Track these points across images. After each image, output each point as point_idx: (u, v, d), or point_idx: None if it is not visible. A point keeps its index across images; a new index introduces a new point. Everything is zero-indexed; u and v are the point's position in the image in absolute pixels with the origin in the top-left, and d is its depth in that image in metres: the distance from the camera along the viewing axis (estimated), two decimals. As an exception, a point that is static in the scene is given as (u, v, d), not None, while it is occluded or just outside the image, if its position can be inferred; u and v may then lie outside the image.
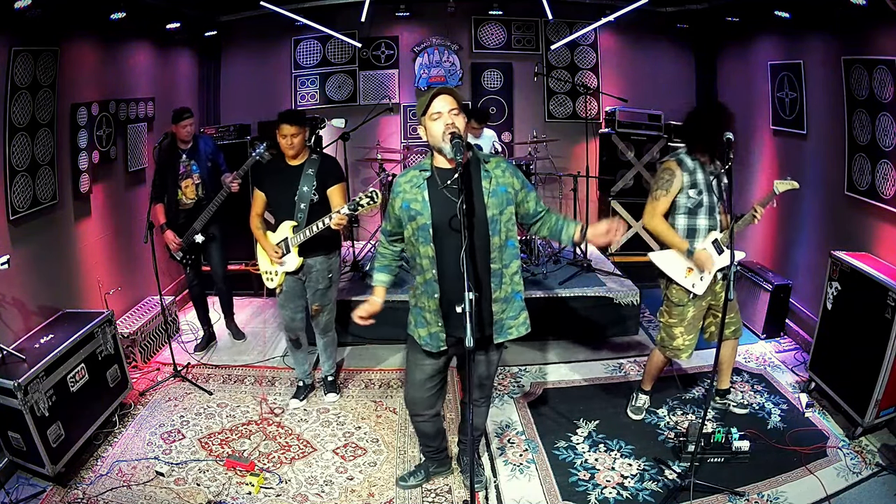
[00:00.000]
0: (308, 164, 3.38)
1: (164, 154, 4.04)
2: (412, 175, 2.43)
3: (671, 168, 3.03)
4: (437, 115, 2.28)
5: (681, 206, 3.06)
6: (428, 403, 2.69)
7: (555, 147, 5.76)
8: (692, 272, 3.07)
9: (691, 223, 3.07)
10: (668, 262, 3.12)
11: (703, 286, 3.07)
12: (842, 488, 2.85)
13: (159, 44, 4.88)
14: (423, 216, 2.37)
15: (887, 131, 3.40)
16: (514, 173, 2.45)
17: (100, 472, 3.08)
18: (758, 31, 4.85)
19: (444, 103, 2.28)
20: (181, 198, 4.13)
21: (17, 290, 3.27)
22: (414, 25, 5.99)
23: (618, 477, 3.01)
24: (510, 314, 2.51)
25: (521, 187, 2.46)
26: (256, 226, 3.53)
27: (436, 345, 2.49)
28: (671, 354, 3.27)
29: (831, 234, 3.92)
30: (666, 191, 3.03)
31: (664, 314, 3.25)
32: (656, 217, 3.08)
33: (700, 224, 3.06)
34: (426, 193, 2.38)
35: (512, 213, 2.44)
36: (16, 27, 3.15)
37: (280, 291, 3.55)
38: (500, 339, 2.51)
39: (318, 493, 2.93)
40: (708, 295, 3.13)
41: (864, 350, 3.13)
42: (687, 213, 3.06)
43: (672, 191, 3.01)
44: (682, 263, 3.08)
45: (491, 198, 2.36)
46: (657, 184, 3.07)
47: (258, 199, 3.49)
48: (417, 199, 2.39)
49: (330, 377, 3.80)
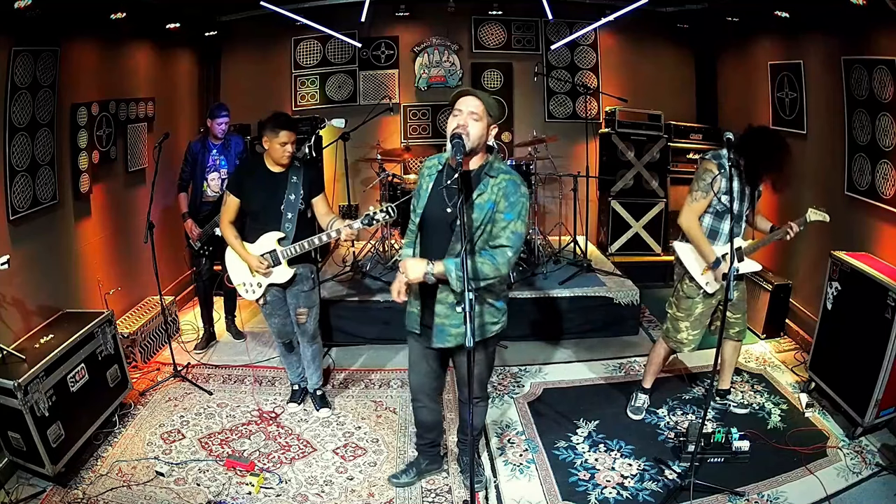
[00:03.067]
0: (292, 171, 3.21)
1: (193, 147, 4.27)
2: (433, 163, 2.51)
3: (712, 170, 2.98)
4: (458, 112, 2.29)
5: (710, 207, 3.06)
6: (423, 388, 2.77)
7: (555, 147, 5.76)
8: (708, 271, 3.09)
9: (715, 225, 3.08)
10: (691, 256, 3.13)
11: (716, 286, 3.10)
12: (842, 488, 2.85)
13: (159, 44, 4.88)
14: (419, 205, 2.46)
15: (887, 131, 3.40)
16: (507, 195, 2.31)
17: (100, 472, 3.08)
18: (758, 31, 4.86)
19: (467, 105, 2.28)
20: (206, 189, 4.28)
21: (17, 290, 3.26)
22: (414, 25, 5.99)
23: (618, 477, 3.01)
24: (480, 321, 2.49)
25: (502, 209, 2.31)
26: (234, 235, 3.27)
27: (410, 324, 2.59)
28: (673, 346, 3.29)
29: (831, 234, 3.91)
30: (706, 193, 3.00)
31: (673, 306, 3.27)
32: (693, 219, 3.06)
33: (724, 228, 3.06)
34: (430, 185, 2.43)
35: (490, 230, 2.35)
36: (16, 27, 3.15)
37: (264, 303, 3.37)
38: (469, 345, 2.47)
39: (318, 493, 2.93)
40: (719, 294, 3.15)
41: (864, 350, 3.14)
42: (714, 215, 3.07)
43: (713, 192, 2.99)
44: (702, 261, 3.10)
45: (474, 210, 2.32)
46: (698, 183, 3.04)
47: (232, 205, 3.24)
48: (423, 187, 2.46)
49: (319, 391, 3.65)
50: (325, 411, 3.61)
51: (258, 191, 3.21)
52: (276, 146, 3.13)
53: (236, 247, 3.29)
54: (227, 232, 3.29)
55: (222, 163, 4.28)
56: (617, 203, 5.80)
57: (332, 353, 4.42)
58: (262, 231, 3.24)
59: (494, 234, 2.34)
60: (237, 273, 3.38)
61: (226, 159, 4.29)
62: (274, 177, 3.22)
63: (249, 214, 3.28)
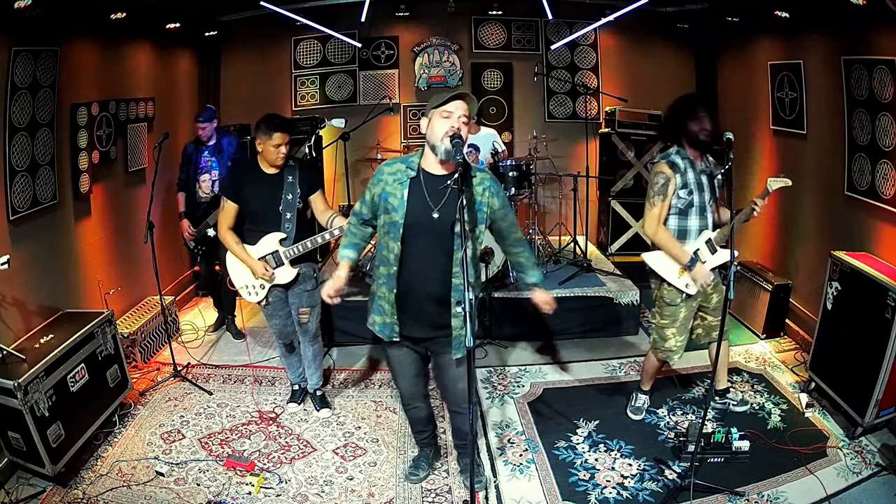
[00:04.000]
0: (287, 171, 3.19)
1: (187, 148, 4.36)
2: (397, 168, 2.42)
3: (663, 171, 2.98)
4: (448, 114, 2.28)
5: (672, 208, 3.03)
6: (415, 392, 2.80)
7: (555, 147, 5.76)
8: (685, 273, 3.06)
9: (682, 224, 3.05)
10: (661, 263, 3.10)
11: (696, 287, 3.06)
12: (842, 488, 2.85)
13: (159, 44, 4.88)
14: (397, 213, 2.37)
15: (887, 131, 3.40)
16: (495, 193, 2.44)
17: (100, 472, 3.08)
18: (758, 31, 4.85)
19: (459, 108, 2.28)
20: (198, 191, 4.33)
21: (17, 290, 3.26)
22: (414, 25, 5.99)
23: (618, 477, 3.01)
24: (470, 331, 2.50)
25: (500, 208, 2.48)
26: (235, 241, 3.24)
27: (388, 334, 2.55)
28: (663, 356, 3.26)
29: (831, 234, 3.92)
30: (663, 196, 2.98)
31: (656, 315, 3.25)
32: (658, 226, 3.02)
33: (691, 225, 3.04)
34: (406, 192, 2.37)
35: (483, 231, 2.47)
36: (16, 27, 3.15)
37: (266, 304, 3.38)
38: (458, 355, 2.49)
39: (318, 493, 2.93)
40: (699, 296, 3.13)
41: (864, 350, 3.13)
42: (678, 214, 3.04)
43: (669, 194, 2.98)
44: (675, 265, 3.07)
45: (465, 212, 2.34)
46: (652, 189, 3.01)
47: (230, 211, 3.22)
48: (396, 195, 2.38)
49: (319, 392, 3.65)
50: (325, 412, 3.60)
51: (255, 193, 3.18)
52: (270, 148, 3.09)
53: (238, 252, 3.26)
54: (228, 238, 3.25)
55: (213, 164, 4.28)
56: (617, 203, 5.80)
57: (333, 353, 4.42)
58: (263, 233, 3.23)
59: (502, 229, 2.57)
60: (239, 276, 3.37)
61: (218, 161, 4.29)
62: (269, 178, 3.19)
63: (248, 217, 3.26)
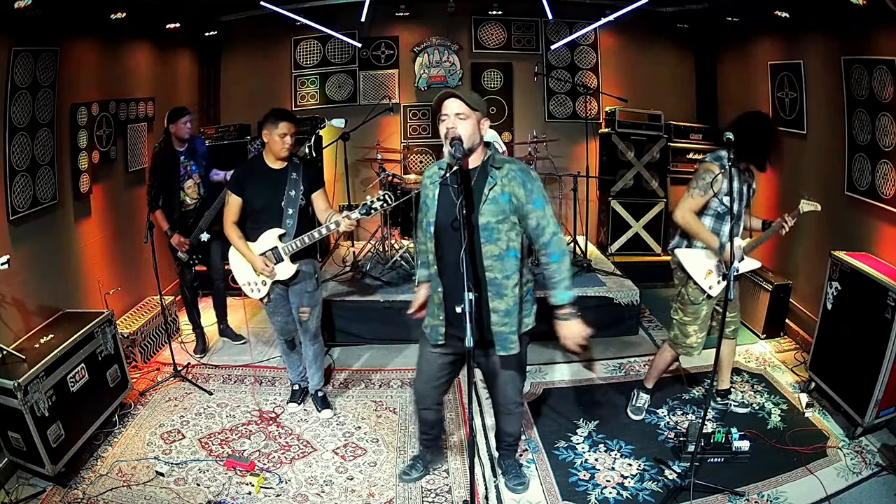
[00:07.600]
0: (291, 167, 3.23)
1: (164, 159, 4.04)
2: (433, 171, 2.50)
3: (713, 170, 2.97)
4: (445, 117, 2.30)
5: (711, 209, 3.05)
6: (432, 397, 2.77)
7: (555, 147, 5.76)
8: (711, 274, 3.09)
9: (716, 227, 3.07)
10: (693, 261, 3.13)
11: (719, 289, 3.09)
12: (842, 488, 2.85)
13: (159, 44, 4.88)
14: (430, 212, 2.43)
15: (887, 131, 3.40)
16: (522, 183, 2.32)
17: (100, 472, 3.08)
18: (758, 31, 4.85)
19: (448, 107, 2.29)
20: (184, 199, 4.13)
21: (17, 290, 3.26)
22: (414, 25, 5.99)
23: (618, 477, 3.01)
24: (513, 328, 2.47)
25: (527, 200, 2.33)
26: (238, 236, 3.27)
27: (434, 337, 2.54)
28: (683, 352, 3.28)
29: (831, 234, 3.91)
30: (704, 191, 2.99)
31: (678, 311, 3.26)
32: (689, 213, 3.04)
33: (724, 230, 3.05)
34: (437, 191, 2.42)
35: (515, 222, 2.37)
36: (16, 27, 3.15)
37: (268, 301, 3.40)
38: (502, 353, 2.49)
39: (318, 493, 2.93)
40: (720, 296, 3.15)
41: (864, 350, 3.13)
42: (715, 217, 3.07)
43: (710, 193, 2.98)
44: (704, 265, 3.10)
45: (488, 204, 2.31)
46: (697, 182, 3.02)
47: (234, 205, 3.24)
48: (430, 196, 2.45)
49: (320, 392, 3.65)
50: (326, 412, 3.60)
51: (259, 188, 3.22)
52: (276, 138, 3.14)
53: (241, 248, 3.28)
54: (231, 233, 3.28)
55: (193, 168, 4.15)
56: (617, 203, 5.79)
57: (334, 352, 4.42)
58: (263, 228, 3.25)
59: (528, 227, 2.38)
60: (241, 272, 3.40)
61: (195, 163, 4.16)
62: (274, 173, 3.23)
63: (251, 212, 3.28)
